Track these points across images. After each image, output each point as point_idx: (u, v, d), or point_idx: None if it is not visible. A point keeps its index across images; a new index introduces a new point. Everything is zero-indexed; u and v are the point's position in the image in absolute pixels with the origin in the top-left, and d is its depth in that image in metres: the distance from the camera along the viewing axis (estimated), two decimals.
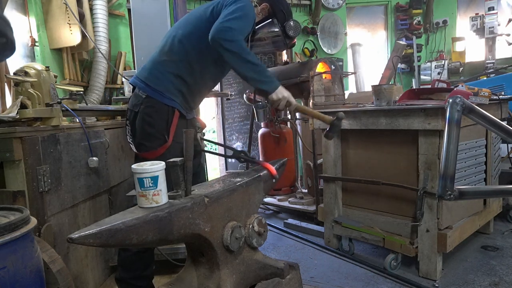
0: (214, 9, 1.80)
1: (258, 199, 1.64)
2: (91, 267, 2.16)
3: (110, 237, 1.03)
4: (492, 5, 5.11)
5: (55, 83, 2.09)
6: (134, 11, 2.27)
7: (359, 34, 6.28)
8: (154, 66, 1.82)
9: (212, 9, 1.81)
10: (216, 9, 1.79)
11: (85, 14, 3.45)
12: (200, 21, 1.81)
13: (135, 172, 1.18)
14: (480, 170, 2.46)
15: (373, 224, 2.43)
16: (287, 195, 3.88)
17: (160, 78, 1.77)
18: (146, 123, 1.76)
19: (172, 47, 1.80)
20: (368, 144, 2.47)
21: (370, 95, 2.61)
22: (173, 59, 1.79)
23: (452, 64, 5.55)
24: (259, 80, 1.73)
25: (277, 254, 2.77)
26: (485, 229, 2.77)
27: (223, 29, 1.64)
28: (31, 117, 1.76)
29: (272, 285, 1.55)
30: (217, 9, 1.78)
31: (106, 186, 2.32)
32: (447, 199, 1.35)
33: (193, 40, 1.79)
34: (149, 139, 1.77)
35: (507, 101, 2.68)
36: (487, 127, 1.68)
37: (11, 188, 1.61)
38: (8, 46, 1.10)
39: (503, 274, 2.22)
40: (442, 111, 1.96)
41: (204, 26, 1.76)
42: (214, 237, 1.36)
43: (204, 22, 1.79)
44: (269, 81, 1.74)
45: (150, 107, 1.76)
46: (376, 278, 2.29)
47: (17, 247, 1.26)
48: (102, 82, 3.66)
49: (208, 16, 1.80)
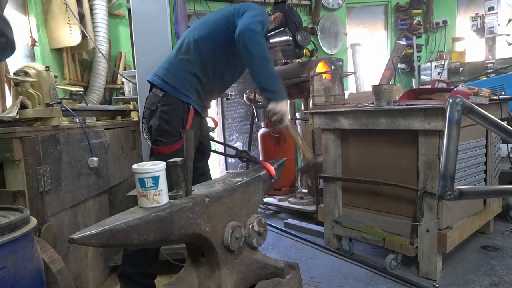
0: (230, 14, 1.88)
1: (257, 199, 1.64)
2: (91, 267, 2.16)
3: (111, 237, 1.03)
4: (492, 5, 5.10)
5: (55, 83, 2.09)
6: (134, 11, 2.26)
7: (359, 34, 6.28)
8: (171, 65, 1.88)
9: (228, 14, 1.89)
10: (234, 15, 1.86)
11: (85, 14, 3.45)
12: (216, 25, 1.89)
13: (136, 172, 1.18)
14: (480, 170, 2.46)
15: (373, 224, 2.43)
16: (287, 195, 3.88)
17: (177, 76, 1.84)
18: (163, 120, 1.81)
19: (188, 47, 1.87)
20: (368, 144, 2.47)
21: (370, 95, 2.61)
22: (189, 59, 1.85)
23: (452, 64, 5.55)
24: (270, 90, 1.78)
25: (277, 254, 2.77)
26: (485, 229, 2.77)
27: (252, 29, 1.72)
28: (31, 117, 1.76)
29: (272, 285, 1.55)
30: (234, 15, 1.86)
31: (106, 186, 2.32)
32: (447, 199, 1.35)
33: (208, 42, 1.86)
34: (166, 136, 1.82)
35: (507, 101, 2.68)
36: (487, 127, 1.68)
37: (11, 188, 1.61)
38: (8, 46, 1.10)
39: (503, 274, 2.22)
40: (442, 111, 1.96)
41: (220, 31, 1.85)
42: (215, 237, 1.36)
43: (219, 25, 1.87)
44: (279, 93, 1.80)
45: (167, 105, 1.81)
46: (376, 278, 2.29)
47: (17, 247, 1.26)
48: (102, 82, 3.66)
49: (224, 20, 1.88)
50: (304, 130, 4.00)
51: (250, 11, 1.82)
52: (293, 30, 2.25)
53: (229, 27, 1.83)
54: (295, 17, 2.24)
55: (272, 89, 1.78)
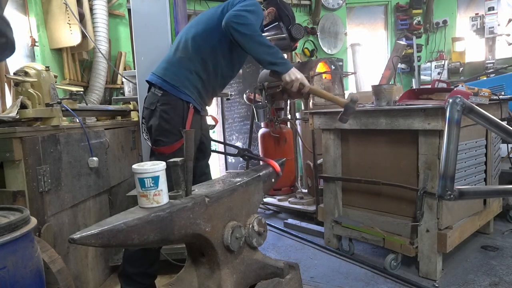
0: (224, 8, 1.89)
1: (257, 199, 1.64)
2: (91, 267, 2.16)
3: (111, 237, 1.03)
4: (492, 5, 5.10)
5: (55, 83, 2.09)
6: (134, 11, 2.27)
7: (359, 34, 6.28)
8: (170, 64, 1.88)
9: (223, 8, 1.90)
10: (227, 8, 1.87)
11: (85, 14, 3.45)
12: (211, 20, 1.89)
13: (136, 172, 1.17)
14: (480, 170, 2.46)
15: (373, 224, 2.43)
16: (287, 195, 3.88)
17: (176, 74, 1.83)
18: (162, 119, 1.80)
19: (186, 45, 1.87)
20: (368, 144, 2.47)
21: (370, 95, 2.61)
22: (188, 56, 1.85)
23: (452, 64, 5.55)
24: (272, 62, 1.80)
25: (277, 254, 2.77)
26: (485, 229, 2.77)
27: (236, 15, 1.73)
28: (31, 117, 1.76)
29: (272, 285, 1.55)
30: (227, 8, 1.87)
31: (106, 186, 2.32)
32: (447, 199, 1.35)
33: (206, 37, 1.86)
34: (166, 135, 1.82)
35: (507, 101, 2.68)
36: (487, 127, 1.68)
37: (11, 188, 1.61)
38: (8, 46, 1.10)
39: (503, 274, 2.22)
40: (442, 111, 1.96)
41: (216, 23, 1.85)
42: (215, 237, 1.36)
43: (216, 20, 1.87)
44: (282, 62, 1.81)
45: (166, 104, 1.81)
46: (376, 278, 2.29)
47: (17, 247, 1.26)
48: (102, 82, 3.66)
49: (219, 14, 1.88)
50: (304, 130, 4.00)
51: (242, 2, 1.83)
52: (287, 23, 2.27)
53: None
54: (287, 11, 2.26)
55: (275, 60, 1.79)
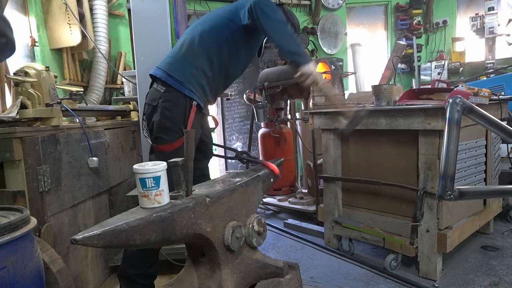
0: (234, 9, 1.87)
1: (257, 199, 1.64)
2: (91, 267, 2.16)
3: (113, 238, 1.03)
4: (492, 5, 5.11)
5: (55, 83, 2.09)
6: (134, 11, 2.26)
7: (359, 34, 6.28)
8: (175, 59, 1.85)
9: (232, 9, 1.89)
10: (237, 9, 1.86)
11: (85, 14, 3.45)
12: (220, 18, 1.89)
13: (137, 172, 1.17)
14: (480, 170, 2.46)
15: (373, 224, 2.43)
16: (287, 195, 3.88)
17: (181, 70, 1.81)
18: (164, 116, 1.78)
19: (192, 42, 1.85)
20: (368, 144, 2.47)
21: (370, 95, 2.61)
22: (194, 53, 1.84)
23: (452, 64, 5.55)
24: (295, 51, 1.79)
25: (277, 254, 2.77)
26: (485, 229, 2.77)
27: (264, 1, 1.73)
28: (31, 117, 1.76)
29: (272, 285, 1.55)
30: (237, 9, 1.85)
31: (106, 186, 2.32)
32: (447, 199, 1.35)
33: (213, 35, 1.85)
34: (167, 133, 1.79)
35: (507, 101, 2.68)
36: (487, 127, 1.68)
37: (11, 188, 1.61)
38: (8, 46, 1.10)
39: (503, 274, 2.22)
40: (442, 111, 1.96)
41: (224, 23, 1.85)
42: (215, 237, 1.36)
43: (225, 18, 1.87)
44: (304, 54, 1.81)
45: (169, 101, 1.79)
46: (376, 278, 2.29)
47: (17, 247, 1.26)
48: (102, 82, 3.66)
49: (228, 13, 1.88)
50: (304, 130, 4.00)
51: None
52: None
53: (233, 20, 1.83)
54: (294, 19, 2.29)
55: (297, 51, 1.79)
